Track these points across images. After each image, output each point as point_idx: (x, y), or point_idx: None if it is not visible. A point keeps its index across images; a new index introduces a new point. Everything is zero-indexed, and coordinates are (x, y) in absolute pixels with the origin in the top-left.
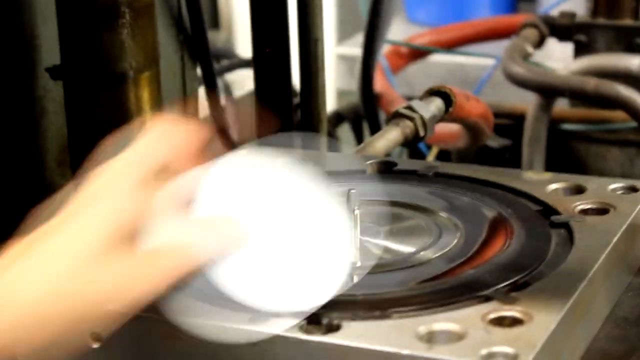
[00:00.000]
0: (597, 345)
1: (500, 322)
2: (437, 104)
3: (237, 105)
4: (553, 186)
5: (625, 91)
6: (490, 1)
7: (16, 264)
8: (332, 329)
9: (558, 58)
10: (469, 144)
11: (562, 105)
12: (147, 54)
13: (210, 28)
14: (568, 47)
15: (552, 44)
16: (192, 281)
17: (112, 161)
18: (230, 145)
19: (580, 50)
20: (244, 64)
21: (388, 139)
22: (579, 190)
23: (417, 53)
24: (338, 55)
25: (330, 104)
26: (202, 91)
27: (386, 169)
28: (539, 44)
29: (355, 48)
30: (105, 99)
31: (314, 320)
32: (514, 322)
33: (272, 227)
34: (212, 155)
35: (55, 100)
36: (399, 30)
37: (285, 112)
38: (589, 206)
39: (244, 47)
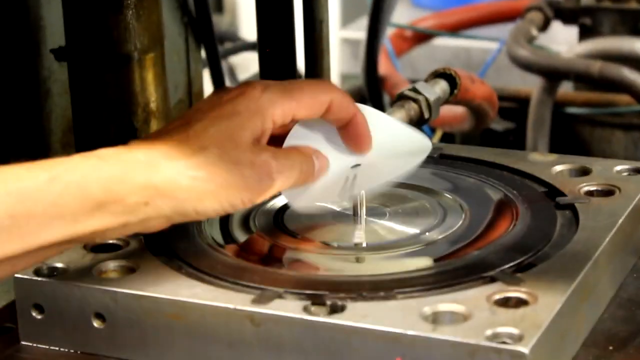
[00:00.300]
0: (602, 326)
1: (505, 303)
2: (442, 86)
3: None
4: (558, 168)
5: (630, 74)
6: None
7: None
8: (337, 309)
9: (563, 41)
10: (473, 127)
11: (566, 89)
12: (151, 35)
13: (214, 12)
14: (573, 31)
15: (556, 27)
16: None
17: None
18: None
19: (585, 33)
20: (247, 47)
21: None
22: (584, 171)
23: (422, 36)
24: (342, 38)
25: None
26: (206, 73)
27: None
28: (544, 27)
29: (359, 32)
30: (110, 80)
31: (319, 301)
32: (519, 303)
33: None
34: None
35: (59, 82)
36: (403, 14)
37: None
38: (594, 188)
39: (248, 31)
